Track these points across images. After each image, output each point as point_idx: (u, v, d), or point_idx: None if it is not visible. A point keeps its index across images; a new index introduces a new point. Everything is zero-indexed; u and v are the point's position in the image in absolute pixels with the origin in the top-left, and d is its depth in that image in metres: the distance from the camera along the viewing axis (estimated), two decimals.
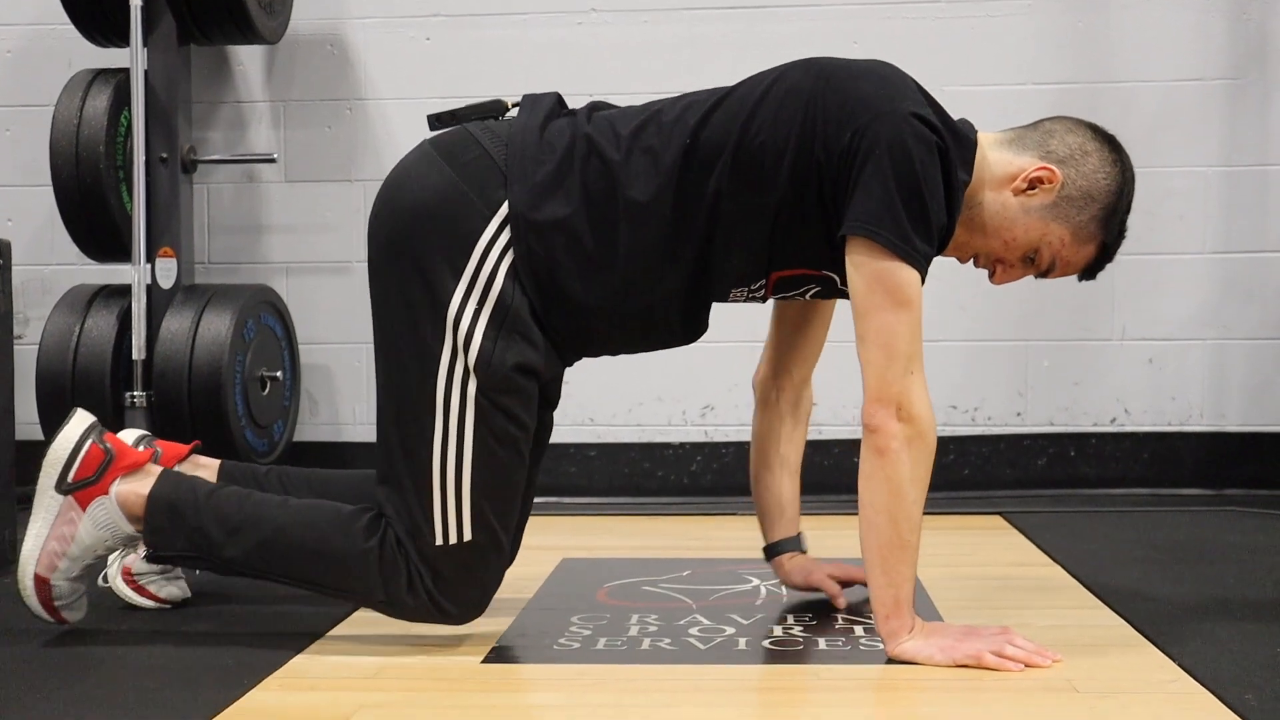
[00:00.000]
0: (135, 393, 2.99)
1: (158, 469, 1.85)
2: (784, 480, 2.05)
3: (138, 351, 2.99)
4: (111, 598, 2.05)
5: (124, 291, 3.07)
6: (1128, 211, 1.82)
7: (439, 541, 1.74)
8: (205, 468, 2.02)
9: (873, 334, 1.68)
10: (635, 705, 1.57)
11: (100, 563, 1.85)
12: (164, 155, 3.09)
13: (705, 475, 3.32)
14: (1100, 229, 1.80)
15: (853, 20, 3.31)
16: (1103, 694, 1.59)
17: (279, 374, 3.21)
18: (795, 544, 2.07)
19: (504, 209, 1.74)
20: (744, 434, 3.43)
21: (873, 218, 1.66)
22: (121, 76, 3.06)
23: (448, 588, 1.76)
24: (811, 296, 1.86)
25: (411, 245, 1.74)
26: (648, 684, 1.66)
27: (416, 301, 1.74)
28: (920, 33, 3.30)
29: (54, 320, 3.07)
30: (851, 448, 3.34)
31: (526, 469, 1.81)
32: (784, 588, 2.13)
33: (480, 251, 1.73)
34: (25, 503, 2.93)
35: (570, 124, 1.79)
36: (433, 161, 1.78)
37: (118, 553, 1.87)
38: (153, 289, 3.05)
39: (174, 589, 2.04)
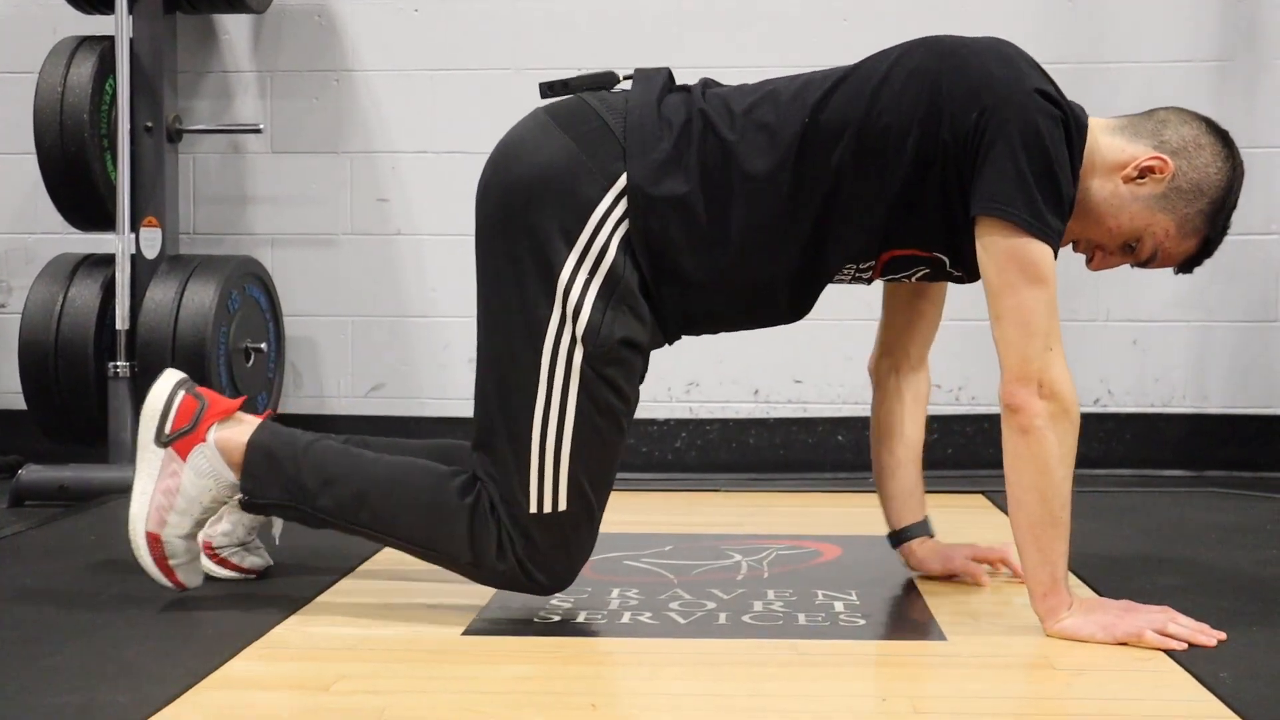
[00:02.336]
0: (118, 363, 2.98)
1: (252, 417, 1.85)
2: (908, 465, 2.03)
3: (121, 321, 2.98)
4: (90, 575, 2.04)
5: (108, 261, 3.06)
6: (1234, 208, 1.82)
7: (533, 510, 1.73)
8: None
9: (1009, 312, 1.68)
10: (615, 678, 1.58)
11: (206, 517, 1.83)
12: (149, 124, 3.08)
13: (689, 452, 3.33)
14: (1206, 223, 1.80)
15: None
16: (1079, 670, 1.59)
17: (263, 346, 3.20)
18: (924, 529, 2.05)
19: (622, 180, 1.73)
20: (727, 411, 3.45)
21: (1004, 196, 1.66)
22: (106, 44, 3.04)
23: (538, 555, 1.75)
24: (919, 279, 1.86)
25: (526, 211, 1.74)
26: (628, 657, 1.66)
27: (526, 268, 1.73)
28: (910, 10, 3.29)
29: (37, 289, 3.05)
30: (836, 426, 3.37)
31: (625, 443, 1.80)
32: (765, 566, 2.14)
33: (595, 221, 1.72)
34: (6, 471, 2.94)
35: (685, 100, 1.78)
36: (550, 129, 1.77)
37: (223, 506, 1.84)
38: (137, 259, 3.04)
39: (256, 559, 2.02)
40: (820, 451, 3.32)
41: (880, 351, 2.03)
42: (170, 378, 1.84)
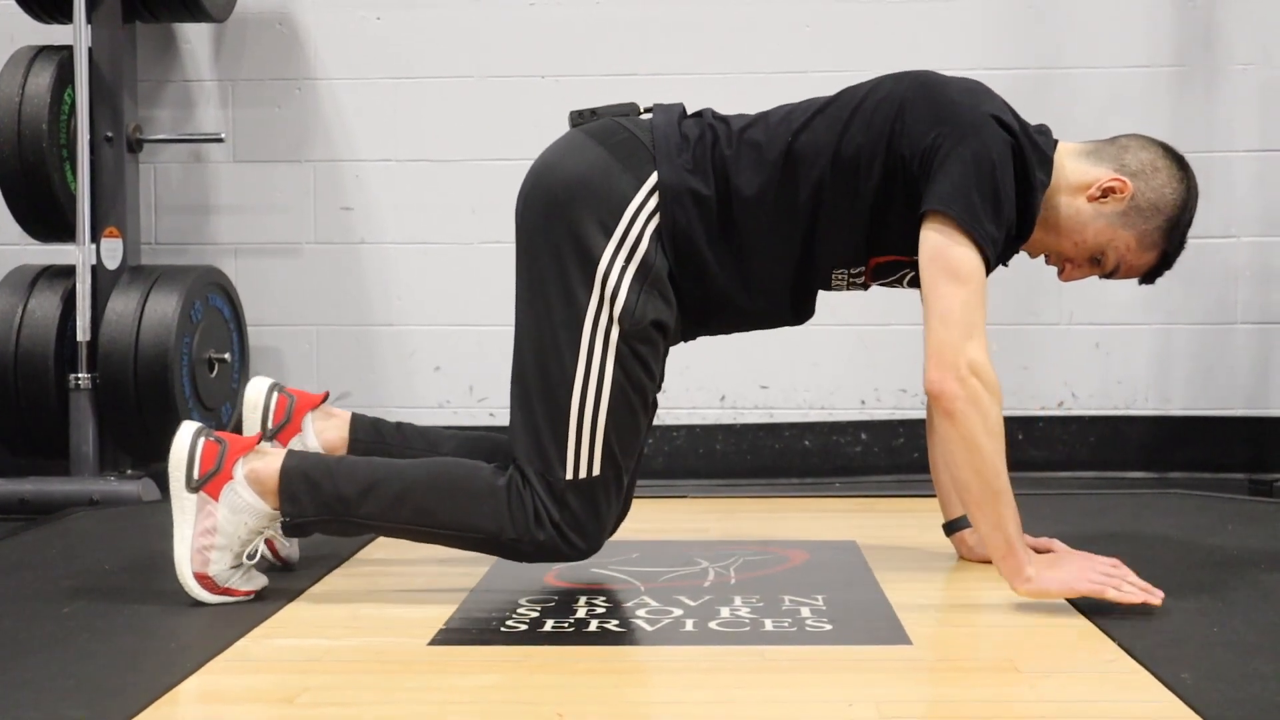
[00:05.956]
0: (80, 375, 2.96)
1: (275, 449, 1.96)
2: None
3: (83, 333, 2.96)
4: (51, 589, 2.02)
5: (69, 272, 3.03)
6: (1189, 225, 2.01)
7: (569, 476, 1.90)
8: (337, 417, 2.18)
9: (931, 305, 1.85)
10: (582, 687, 1.58)
11: (245, 549, 1.91)
12: (109, 134, 3.05)
13: (656, 458, 3.33)
14: (1163, 238, 1.99)
15: (805, 4, 3.32)
16: (1044, 673, 1.61)
17: (227, 356, 3.18)
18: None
19: (652, 179, 1.93)
20: (694, 417, 3.45)
21: (947, 197, 1.84)
22: (65, 54, 3.02)
23: (573, 520, 1.91)
24: (910, 283, 2.03)
25: (566, 210, 1.92)
26: (595, 665, 1.66)
27: (568, 259, 1.91)
28: (871, 17, 3.31)
29: None
30: (803, 431, 3.38)
31: (648, 423, 1.99)
32: (732, 572, 2.15)
33: (630, 214, 1.91)
34: None
35: (698, 123, 2.00)
36: (584, 142, 1.97)
37: (262, 535, 1.92)
38: (98, 270, 3.02)
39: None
40: (787, 457, 3.33)
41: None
42: (188, 428, 1.93)
